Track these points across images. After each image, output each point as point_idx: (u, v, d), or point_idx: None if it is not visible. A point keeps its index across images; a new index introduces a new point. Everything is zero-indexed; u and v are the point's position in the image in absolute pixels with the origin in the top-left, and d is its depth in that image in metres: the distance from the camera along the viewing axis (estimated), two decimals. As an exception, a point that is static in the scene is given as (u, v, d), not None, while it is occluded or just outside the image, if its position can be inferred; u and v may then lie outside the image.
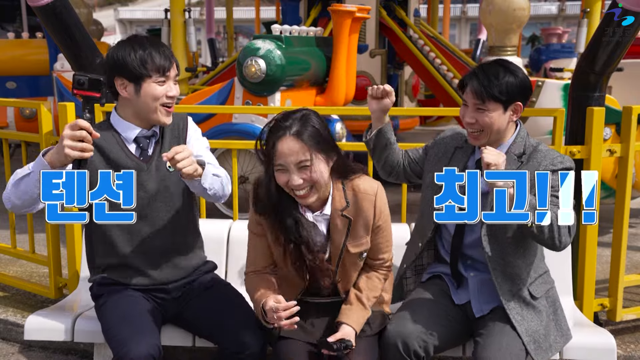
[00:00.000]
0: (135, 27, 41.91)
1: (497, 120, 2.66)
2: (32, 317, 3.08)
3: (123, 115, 2.78)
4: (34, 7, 3.61)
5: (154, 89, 2.68)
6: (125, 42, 2.72)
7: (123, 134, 2.78)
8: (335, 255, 2.66)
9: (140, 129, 2.78)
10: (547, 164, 2.65)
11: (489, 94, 2.62)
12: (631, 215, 3.84)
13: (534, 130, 5.24)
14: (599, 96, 3.54)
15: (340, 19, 5.43)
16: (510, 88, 2.63)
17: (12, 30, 9.55)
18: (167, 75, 2.71)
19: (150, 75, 2.67)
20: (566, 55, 9.81)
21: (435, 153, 2.92)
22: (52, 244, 3.95)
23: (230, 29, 12.16)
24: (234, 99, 5.29)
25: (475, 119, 2.67)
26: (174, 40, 6.92)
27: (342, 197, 2.63)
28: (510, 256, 2.70)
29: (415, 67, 7.83)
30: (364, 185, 2.65)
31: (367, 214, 2.63)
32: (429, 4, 11.50)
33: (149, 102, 2.69)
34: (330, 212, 2.63)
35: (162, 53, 2.70)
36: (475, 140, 2.74)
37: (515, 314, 2.65)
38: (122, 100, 2.76)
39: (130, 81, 2.68)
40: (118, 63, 2.66)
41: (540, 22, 31.87)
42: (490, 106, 2.64)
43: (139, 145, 2.80)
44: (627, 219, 3.61)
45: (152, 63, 2.66)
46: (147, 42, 2.70)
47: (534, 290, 2.73)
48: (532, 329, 2.64)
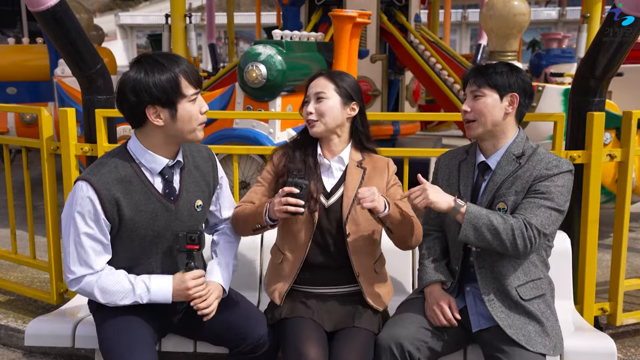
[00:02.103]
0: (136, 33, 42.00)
1: (493, 109, 2.69)
2: (33, 322, 3.08)
3: (148, 144, 2.57)
4: (35, 13, 3.62)
5: (190, 109, 2.51)
6: (142, 65, 2.48)
7: (147, 166, 2.58)
8: (347, 200, 2.79)
9: (167, 160, 2.59)
10: (541, 168, 2.65)
11: (485, 79, 2.69)
12: (631, 220, 3.84)
13: (535, 135, 5.25)
14: (599, 101, 3.55)
15: (341, 24, 5.43)
16: (508, 77, 2.69)
17: (12, 35, 9.53)
18: (199, 90, 2.56)
19: (185, 95, 2.49)
20: (566, 60, 9.80)
21: (442, 176, 2.93)
22: (53, 250, 3.95)
23: (231, 34, 12.17)
24: (234, 104, 5.29)
25: (471, 106, 2.72)
26: (174, 45, 6.93)
27: (358, 153, 2.90)
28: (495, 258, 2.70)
29: (416, 72, 7.83)
30: (379, 156, 2.96)
31: (381, 171, 2.88)
32: (429, 9, 11.53)
33: (185, 125, 2.52)
34: (347, 161, 2.86)
35: (188, 66, 2.52)
36: (470, 130, 2.75)
37: (499, 312, 2.64)
38: (149, 129, 2.54)
39: (165, 107, 2.48)
40: (147, 91, 2.44)
41: (540, 27, 31.93)
42: (486, 91, 2.69)
43: (164, 177, 2.61)
44: (627, 224, 3.61)
45: (184, 81, 2.49)
46: (168, 59, 2.50)
47: (523, 292, 2.69)
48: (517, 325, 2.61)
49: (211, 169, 2.81)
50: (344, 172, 2.85)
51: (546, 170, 2.64)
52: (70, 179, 3.76)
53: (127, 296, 2.55)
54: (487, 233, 2.55)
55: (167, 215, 2.61)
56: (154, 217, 2.58)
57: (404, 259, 3.37)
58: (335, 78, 2.82)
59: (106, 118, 3.80)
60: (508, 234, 2.54)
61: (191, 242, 2.60)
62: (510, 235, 2.54)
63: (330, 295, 2.83)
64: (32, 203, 4.19)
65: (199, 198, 2.72)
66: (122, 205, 2.50)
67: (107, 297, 2.54)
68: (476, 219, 2.55)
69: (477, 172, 2.81)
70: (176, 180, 2.66)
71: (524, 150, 2.73)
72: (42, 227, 4.15)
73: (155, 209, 2.58)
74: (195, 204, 2.70)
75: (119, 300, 2.55)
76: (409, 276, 3.40)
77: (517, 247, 2.56)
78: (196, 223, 2.74)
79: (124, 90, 2.48)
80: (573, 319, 3.18)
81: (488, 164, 2.77)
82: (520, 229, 2.55)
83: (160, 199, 2.59)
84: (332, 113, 2.78)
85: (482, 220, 2.55)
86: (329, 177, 2.86)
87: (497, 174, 2.72)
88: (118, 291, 2.54)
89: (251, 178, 5.31)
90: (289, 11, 7.72)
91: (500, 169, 2.72)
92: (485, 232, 2.55)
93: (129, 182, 2.53)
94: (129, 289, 2.54)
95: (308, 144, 2.89)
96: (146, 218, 2.56)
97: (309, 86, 2.85)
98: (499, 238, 2.55)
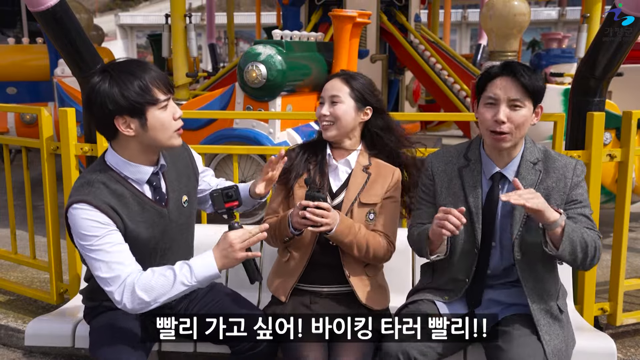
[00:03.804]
0: (136, 33, 41.99)
1: (527, 121, 2.51)
2: (33, 322, 3.08)
3: (126, 155, 2.47)
4: (35, 13, 3.62)
5: (161, 117, 2.40)
6: (107, 74, 2.36)
7: (133, 177, 2.48)
8: (347, 203, 2.82)
9: (150, 167, 2.51)
10: (571, 176, 2.57)
11: (525, 86, 2.46)
12: (631, 220, 3.84)
13: (535, 135, 5.22)
14: (599, 101, 3.54)
15: (341, 24, 5.44)
16: (542, 87, 2.50)
17: (12, 35, 9.52)
18: (169, 95, 2.44)
19: (154, 103, 2.38)
20: (566, 60, 9.78)
21: (441, 183, 2.74)
22: (53, 250, 3.95)
23: (231, 34, 12.18)
24: (234, 104, 5.29)
25: (508, 116, 2.48)
26: (174, 45, 6.93)
27: (366, 158, 2.91)
28: (540, 272, 2.62)
29: (416, 72, 7.84)
30: (386, 163, 2.94)
31: (385, 179, 2.87)
32: (429, 9, 11.54)
33: (159, 133, 2.41)
34: (354, 165, 2.88)
35: (156, 72, 2.40)
36: (502, 142, 2.53)
37: (545, 333, 2.54)
38: (123, 140, 2.44)
39: (134, 116, 2.37)
40: (114, 102, 2.33)
41: (540, 27, 31.88)
42: (527, 103, 2.49)
43: (151, 185, 2.54)
44: (627, 223, 3.61)
45: (154, 87, 2.37)
46: (133, 67, 2.38)
47: (561, 304, 2.66)
48: (557, 347, 2.53)
49: (189, 160, 2.77)
50: (349, 175, 2.88)
51: (576, 177, 2.58)
52: (70, 179, 3.76)
53: (173, 285, 2.34)
54: (579, 248, 2.43)
55: (162, 220, 2.57)
56: (152, 224, 2.54)
57: (404, 259, 3.37)
58: (351, 81, 2.85)
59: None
60: (592, 247, 2.47)
61: (229, 200, 2.49)
62: (593, 248, 2.48)
63: (331, 295, 2.85)
64: (32, 203, 4.18)
65: (183, 194, 2.69)
66: (123, 217, 2.43)
67: (153, 293, 2.33)
68: (573, 232, 2.41)
69: (491, 182, 2.64)
70: (162, 184, 2.60)
71: (537, 155, 2.62)
72: (42, 227, 4.14)
73: (151, 217, 2.52)
74: (182, 200, 2.66)
75: (166, 292, 2.34)
76: (409, 276, 3.40)
77: (594, 260, 2.49)
78: (186, 219, 2.71)
79: (87, 102, 2.39)
80: (573, 319, 3.18)
81: (505, 174, 2.62)
82: (597, 242, 2.50)
83: (154, 206, 2.53)
84: (345, 118, 2.82)
85: (577, 234, 2.43)
86: (335, 178, 2.89)
87: (523, 186, 2.48)
88: (162, 284, 2.34)
89: (251, 178, 5.32)
90: (289, 11, 7.73)
91: (524, 180, 2.56)
92: (578, 247, 2.43)
93: (122, 196, 2.44)
94: (171, 277, 2.35)
95: (318, 144, 2.95)
96: (145, 228, 2.51)
97: (324, 87, 2.90)
98: (585, 252, 2.46)
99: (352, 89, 2.83)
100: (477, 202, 2.64)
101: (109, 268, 2.35)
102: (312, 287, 2.87)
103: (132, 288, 2.33)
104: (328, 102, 2.85)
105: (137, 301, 2.34)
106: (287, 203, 2.92)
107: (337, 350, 2.61)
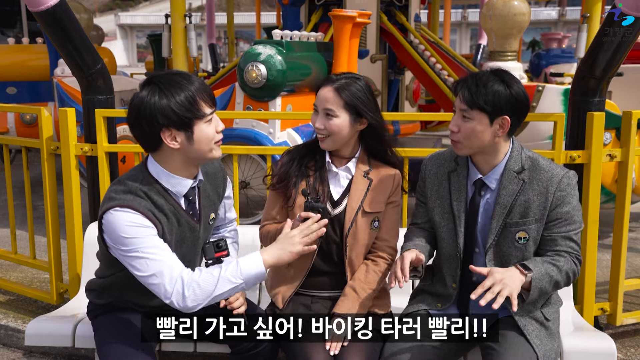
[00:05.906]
0: (136, 33, 42.01)
1: (481, 134, 2.52)
2: (33, 322, 3.08)
3: (168, 167, 2.47)
4: (34, 13, 3.61)
5: (207, 130, 2.41)
6: (155, 86, 2.36)
7: (173, 190, 2.49)
8: (350, 211, 2.77)
9: (190, 180, 2.51)
10: (554, 191, 2.54)
11: (475, 100, 2.48)
12: (631, 220, 3.84)
13: (535, 135, 5.25)
14: (599, 101, 3.55)
15: (341, 24, 5.43)
16: (498, 99, 2.46)
17: (12, 35, 9.54)
18: (214, 108, 2.45)
19: (201, 117, 2.39)
20: (566, 60, 9.80)
21: (431, 186, 2.78)
22: (53, 250, 3.95)
23: (231, 34, 12.17)
24: (234, 104, 5.29)
25: (458, 127, 2.55)
26: (174, 45, 6.93)
27: (366, 163, 2.85)
28: None
29: (416, 72, 7.83)
30: (386, 167, 2.88)
31: (386, 184, 2.83)
32: (429, 9, 11.52)
33: (203, 146, 2.42)
34: (354, 171, 2.82)
35: (202, 85, 2.41)
36: (456, 149, 2.61)
37: (535, 337, 2.55)
38: (166, 152, 2.44)
39: (180, 129, 2.37)
40: (164, 115, 2.32)
41: (540, 27, 31.94)
42: (476, 114, 2.50)
43: (187, 199, 2.55)
44: (627, 223, 3.61)
45: (201, 101, 2.38)
46: (180, 79, 2.38)
47: (547, 312, 2.66)
48: (547, 354, 2.54)
49: (222, 181, 2.78)
50: (350, 182, 2.83)
51: (560, 192, 2.54)
52: (70, 179, 3.76)
53: (219, 282, 2.32)
54: (550, 288, 2.54)
55: (192, 235, 2.59)
56: (184, 238, 2.55)
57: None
58: (343, 93, 2.68)
59: (106, 118, 3.80)
60: (564, 281, 2.57)
61: (219, 250, 2.57)
62: (565, 280, 2.57)
63: (333, 298, 2.83)
64: (32, 203, 4.19)
65: (212, 211, 2.71)
66: (164, 227, 2.43)
67: (200, 291, 2.31)
68: (541, 282, 2.47)
69: (474, 189, 2.67)
70: (197, 198, 2.61)
71: (522, 164, 2.59)
72: (42, 227, 4.15)
73: (184, 231, 2.54)
74: (210, 217, 2.69)
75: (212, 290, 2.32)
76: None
77: (569, 285, 2.65)
78: (208, 235, 2.72)
79: (136, 114, 2.36)
80: (573, 319, 3.19)
81: (486, 182, 2.64)
82: (573, 271, 2.57)
83: (189, 220, 2.54)
84: (341, 133, 2.72)
85: (545, 280, 2.49)
86: (336, 185, 2.83)
87: (502, 195, 2.58)
88: (210, 282, 2.32)
89: (251, 178, 5.32)
90: (289, 11, 7.72)
91: (504, 190, 2.58)
92: (549, 288, 2.53)
93: (162, 207, 2.44)
94: (217, 274, 2.33)
95: (317, 148, 2.85)
96: (178, 240, 2.52)
97: (317, 95, 2.75)
98: (557, 287, 2.59)
99: (345, 103, 2.68)
100: (460, 206, 2.68)
101: (160, 265, 2.32)
102: (312, 292, 2.86)
103: (181, 284, 2.31)
104: (322, 114, 2.72)
105: (191, 297, 2.31)
106: (286, 210, 2.85)
107: (342, 352, 2.60)
